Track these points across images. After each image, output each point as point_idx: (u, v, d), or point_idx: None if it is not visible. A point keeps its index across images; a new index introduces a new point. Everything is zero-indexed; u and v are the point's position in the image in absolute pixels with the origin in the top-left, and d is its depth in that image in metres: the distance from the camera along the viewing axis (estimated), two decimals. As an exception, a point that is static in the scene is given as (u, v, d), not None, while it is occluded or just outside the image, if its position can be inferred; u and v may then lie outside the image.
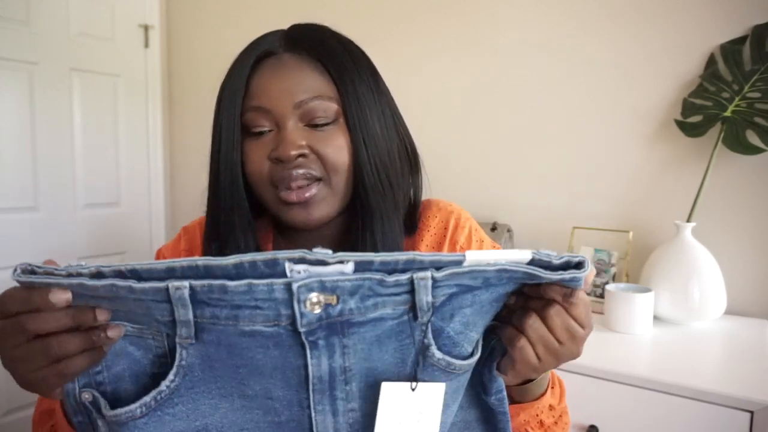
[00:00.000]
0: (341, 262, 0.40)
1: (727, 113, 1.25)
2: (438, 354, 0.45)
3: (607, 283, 1.33)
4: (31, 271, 0.40)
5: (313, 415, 0.45)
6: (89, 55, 2.04)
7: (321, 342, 0.42)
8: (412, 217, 0.70)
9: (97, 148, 2.09)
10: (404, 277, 0.41)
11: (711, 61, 1.32)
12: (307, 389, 0.44)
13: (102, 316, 0.41)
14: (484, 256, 0.42)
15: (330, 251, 0.40)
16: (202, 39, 2.24)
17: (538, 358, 0.46)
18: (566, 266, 0.43)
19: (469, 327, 0.46)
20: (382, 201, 0.63)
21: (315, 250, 0.40)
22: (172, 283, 0.39)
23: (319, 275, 0.40)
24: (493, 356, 0.50)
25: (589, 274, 0.43)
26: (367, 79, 0.63)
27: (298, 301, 0.40)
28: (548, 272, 0.42)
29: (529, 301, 0.46)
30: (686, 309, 1.18)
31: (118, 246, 2.20)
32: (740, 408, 0.88)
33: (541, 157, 1.57)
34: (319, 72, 0.61)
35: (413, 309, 0.43)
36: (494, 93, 1.63)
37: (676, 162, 1.38)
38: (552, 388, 0.63)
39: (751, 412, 0.87)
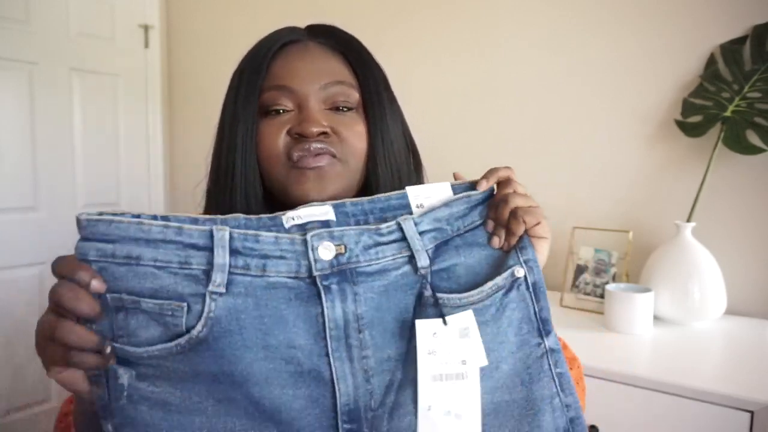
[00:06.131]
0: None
1: (727, 113, 1.25)
2: (428, 292, 0.51)
3: (607, 283, 1.33)
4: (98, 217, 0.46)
5: (331, 361, 0.48)
6: (89, 55, 2.04)
7: (334, 287, 0.49)
8: None
9: (97, 148, 2.09)
10: (393, 223, 0.51)
11: (711, 61, 1.32)
12: (325, 337, 0.48)
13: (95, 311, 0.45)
14: (421, 190, 0.55)
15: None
16: (202, 39, 2.24)
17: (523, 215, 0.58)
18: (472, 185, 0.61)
19: (460, 268, 0.54)
20: None
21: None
22: (216, 226, 0.47)
23: (311, 215, 0.50)
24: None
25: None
26: (382, 79, 0.66)
27: (312, 249, 0.48)
28: (477, 192, 0.61)
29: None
30: (686, 309, 1.18)
31: (118, 246, 2.20)
32: (740, 408, 0.88)
33: (540, 156, 1.57)
34: (343, 61, 0.64)
35: (412, 260, 0.51)
36: (493, 93, 1.63)
37: (676, 162, 1.38)
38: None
39: (751, 412, 0.87)
